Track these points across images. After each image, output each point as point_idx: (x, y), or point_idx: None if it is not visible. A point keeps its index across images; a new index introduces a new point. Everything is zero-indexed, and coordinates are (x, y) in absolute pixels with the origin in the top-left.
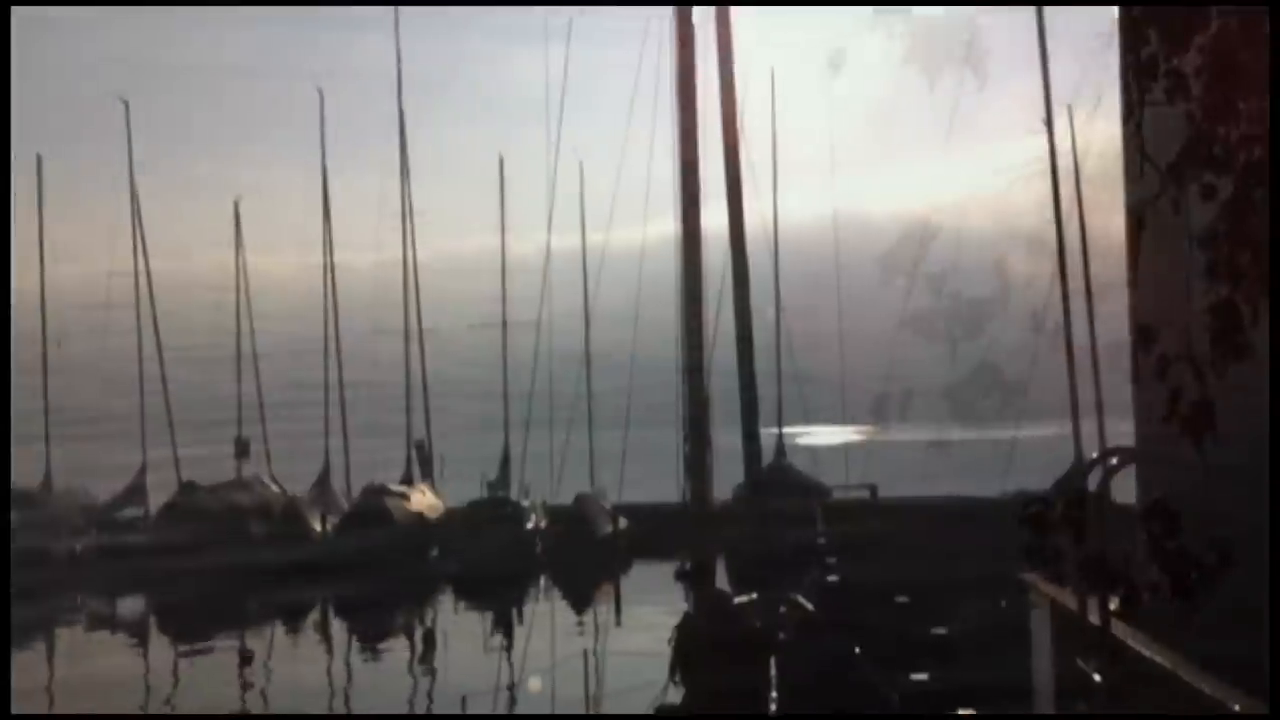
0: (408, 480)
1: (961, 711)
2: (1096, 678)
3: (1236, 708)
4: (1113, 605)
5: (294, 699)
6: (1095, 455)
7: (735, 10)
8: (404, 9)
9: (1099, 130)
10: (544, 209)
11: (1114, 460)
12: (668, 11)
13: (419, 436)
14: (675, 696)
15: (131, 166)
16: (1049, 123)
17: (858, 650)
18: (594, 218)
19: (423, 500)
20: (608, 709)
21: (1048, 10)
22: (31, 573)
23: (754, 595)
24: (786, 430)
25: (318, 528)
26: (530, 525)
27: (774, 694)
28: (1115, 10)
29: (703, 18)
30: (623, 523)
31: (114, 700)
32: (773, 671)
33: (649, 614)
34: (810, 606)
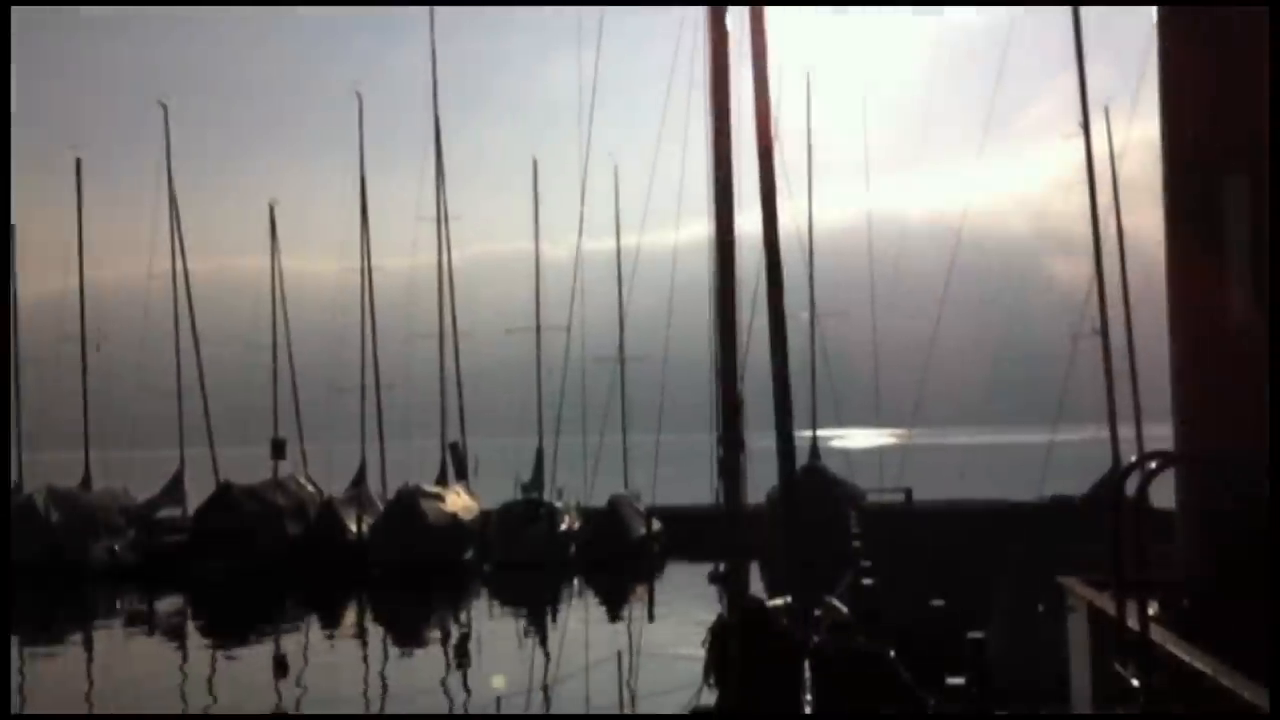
0: (442, 481)
1: (998, 714)
2: (1134, 682)
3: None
4: (1151, 610)
5: (328, 702)
6: (1133, 459)
7: (770, 10)
8: (439, 11)
9: (1137, 132)
10: (578, 211)
11: (1152, 464)
12: (702, 11)
13: (453, 438)
14: (709, 698)
15: (170, 169)
16: (1085, 126)
17: (893, 653)
18: (629, 219)
19: (457, 501)
20: (642, 710)
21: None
22: (70, 572)
23: (788, 598)
24: (820, 433)
25: (354, 528)
26: (564, 527)
27: (808, 697)
28: (1154, 11)
29: (738, 18)
30: (656, 524)
31: (149, 703)
32: (806, 674)
33: (683, 615)
34: (845, 609)
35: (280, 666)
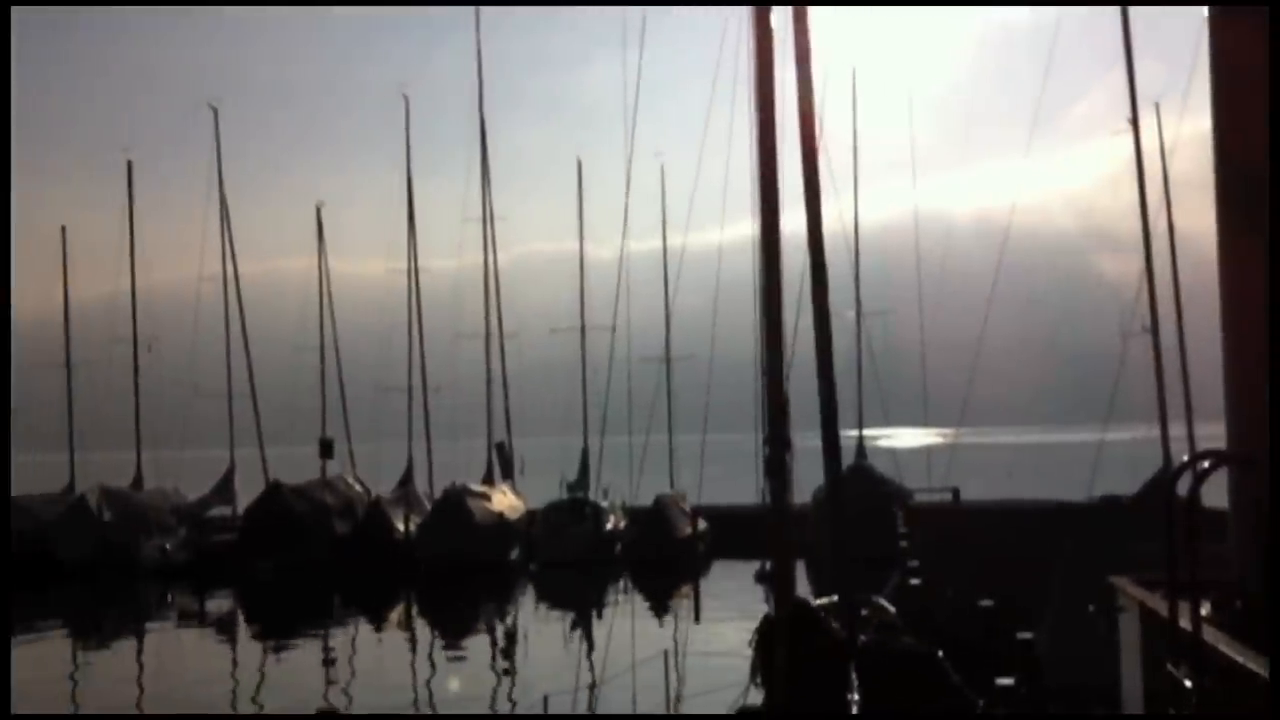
0: (489, 481)
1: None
2: (1187, 683)
3: None
4: (1204, 610)
5: (376, 697)
6: (1185, 458)
7: (815, 9)
8: (484, 12)
9: (1189, 127)
10: (623, 211)
11: (1205, 464)
12: (746, 10)
13: (500, 438)
14: (756, 698)
15: (220, 172)
16: (1134, 121)
17: (941, 654)
18: (674, 219)
19: (504, 501)
20: (688, 709)
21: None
22: (122, 570)
23: (834, 598)
24: (868, 432)
25: (401, 527)
26: (610, 526)
27: (855, 697)
28: (1205, 10)
29: (782, 17)
30: (702, 524)
31: (199, 699)
32: (853, 675)
33: (729, 615)
34: (892, 609)
35: (329, 665)
